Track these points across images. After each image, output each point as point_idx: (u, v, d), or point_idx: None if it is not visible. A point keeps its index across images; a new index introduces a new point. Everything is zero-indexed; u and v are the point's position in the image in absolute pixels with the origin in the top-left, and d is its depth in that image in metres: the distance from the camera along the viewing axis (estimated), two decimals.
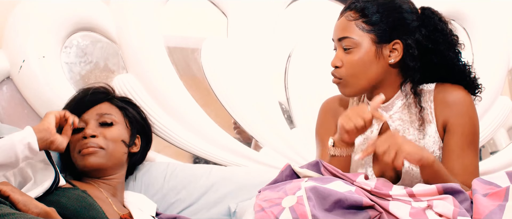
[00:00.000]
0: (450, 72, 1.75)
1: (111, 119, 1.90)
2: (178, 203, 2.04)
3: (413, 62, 1.70)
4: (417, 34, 1.71)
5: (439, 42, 1.73)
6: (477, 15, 2.46)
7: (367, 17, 1.71)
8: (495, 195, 1.42)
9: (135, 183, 2.04)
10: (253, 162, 2.25)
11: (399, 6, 1.73)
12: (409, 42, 1.70)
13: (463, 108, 1.73)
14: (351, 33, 1.72)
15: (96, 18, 2.20)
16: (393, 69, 1.73)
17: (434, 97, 1.75)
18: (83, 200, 1.64)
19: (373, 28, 1.70)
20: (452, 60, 1.74)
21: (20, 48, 2.11)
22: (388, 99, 1.76)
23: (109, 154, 1.84)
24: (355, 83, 1.73)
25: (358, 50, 1.71)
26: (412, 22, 1.72)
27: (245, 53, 2.29)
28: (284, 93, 2.34)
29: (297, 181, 1.54)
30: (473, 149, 1.73)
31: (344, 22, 1.74)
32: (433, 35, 1.73)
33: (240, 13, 2.31)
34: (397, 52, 1.71)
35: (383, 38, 1.70)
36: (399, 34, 1.70)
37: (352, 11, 1.74)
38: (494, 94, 2.43)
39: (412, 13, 1.73)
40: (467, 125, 1.72)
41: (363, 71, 1.71)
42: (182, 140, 2.21)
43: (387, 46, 1.71)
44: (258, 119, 2.26)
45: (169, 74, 2.22)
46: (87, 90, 1.95)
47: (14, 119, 2.11)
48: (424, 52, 1.71)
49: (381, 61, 1.71)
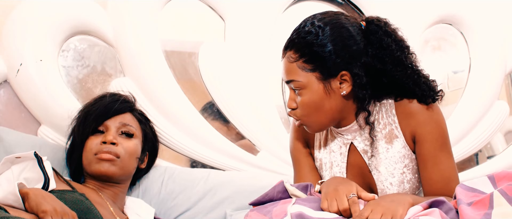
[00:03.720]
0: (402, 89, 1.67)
1: (133, 131, 1.91)
2: (175, 207, 2.04)
3: (363, 92, 1.62)
4: (363, 57, 1.62)
5: (386, 62, 1.63)
6: (474, 20, 2.47)
7: (305, 56, 1.62)
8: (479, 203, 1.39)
9: (133, 187, 2.04)
10: (251, 166, 2.25)
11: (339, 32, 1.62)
12: (355, 71, 1.61)
13: (426, 115, 1.66)
14: (295, 76, 1.64)
15: (94, 22, 2.20)
16: (348, 99, 1.65)
17: (396, 111, 1.69)
18: (80, 203, 1.64)
19: (315, 66, 1.62)
20: (401, 79, 1.64)
21: (17, 51, 2.11)
22: (348, 124, 1.70)
23: (122, 165, 1.85)
24: (315, 121, 1.67)
25: (307, 90, 1.63)
26: (357, 46, 1.62)
27: (243, 57, 2.29)
28: (281, 97, 2.34)
29: (285, 203, 1.53)
30: (446, 152, 1.68)
31: (287, 64, 1.66)
32: (379, 53, 1.63)
33: (237, 17, 2.31)
34: (348, 82, 1.62)
35: (328, 73, 1.61)
36: (344, 65, 1.61)
37: (291, 51, 1.65)
38: (491, 98, 2.43)
39: (356, 35, 1.63)
40: (435, 130, 1.66)
41: (318, 109, 1.64)
42: (179, 143, 2.20)
43: (335, 79, 1.62)
44: (255, 123, 2.26)
45: (166, 78, 2.22)
46: (115, 96, 1.96)
47: (11, 122, 2.11)
48: (374, 75, 1.63)
49: (332, 95, 1.63)
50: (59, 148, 2.03)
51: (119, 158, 1.84)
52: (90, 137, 1.87)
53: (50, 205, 1.46)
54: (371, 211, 1.46)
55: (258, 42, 2.32)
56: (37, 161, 1.69)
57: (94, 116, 1.89)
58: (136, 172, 1.97)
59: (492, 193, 1.39)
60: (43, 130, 2.13)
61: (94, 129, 1.89)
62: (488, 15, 2.48)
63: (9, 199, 1.50)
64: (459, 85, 2.46)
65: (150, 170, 2.08)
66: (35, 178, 1.66)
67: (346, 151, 1.75)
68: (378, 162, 1.71)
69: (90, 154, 1.85)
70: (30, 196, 1.48)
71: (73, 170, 1.94)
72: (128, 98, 2.00)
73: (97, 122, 1.89)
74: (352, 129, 1.71)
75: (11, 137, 1.96)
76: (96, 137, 1.87)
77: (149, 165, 2.06)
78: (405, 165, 1.70)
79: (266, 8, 2.34)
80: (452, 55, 2.51)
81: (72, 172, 1.95)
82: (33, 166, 1.68)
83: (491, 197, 1.39)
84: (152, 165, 2.08)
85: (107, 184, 1.87)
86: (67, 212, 1.47)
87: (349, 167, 1.75)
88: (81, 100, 2.15)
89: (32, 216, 1.45)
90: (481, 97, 2.43)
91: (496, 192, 1.39)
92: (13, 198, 1.49)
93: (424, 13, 2.42)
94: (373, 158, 1.71)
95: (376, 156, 1.70)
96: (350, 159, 1.74)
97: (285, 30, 2.36)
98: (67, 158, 1.96)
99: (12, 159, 1.72)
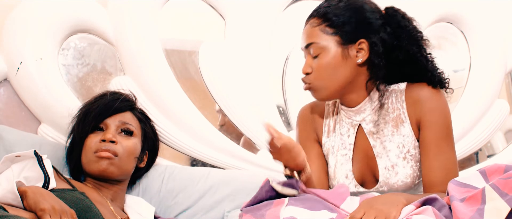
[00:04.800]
0: (415, 67, 1.76)
1: (132, 129, 1.91)
2: (176, 206, 2.03)
3: (378, 59, 1.71)
4: (381, 32, 1.72)
5: (403, 38, 1.74)
6: (474, 19, 2.47)
7: (330, 21, 1.73)
8: (472, 199, 1.40)
9: (132, 186, 2.04)
10: (251, 165, 2.25)
11: (361, 6, 1.74)
12: (374, 40, 1.71)
13: (434, 104, 1.73)
14: (316, 39, 1.74)
15: (94, 21, 2.20)
16: (361, 69, 1.74)
17: (406, 97, 1.76)
18: (80, 202, 1.64)
19: (337, 31, 1.72)
20: (415, 54, 1.74)
21: (17, 50, 2.11)
22: (359, 102, 1.78)
23: (120, 164, 1.85)
24: (326, 86, 1.74)
25: (326, 54, 1.72)
26: (376, 21, 1.73)
27: (243, 56, 2.29)
28: (281, 95, 2.34)
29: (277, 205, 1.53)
30: (449, 143, 1.74)
31: (309, 29, 1.76)
32: (396, 32, 1.74)
33: (237, 16, 2.31)
34: (364, 51, 1.72)
35: (348, 38, 1.72)
36: (363, 33, 1.72)
37: (315, 18, 1.76)
38: (491, 97, 2.43)
39: (375, 12, 1.75)
40: (441, 120, 1.73)
41: (333, 73, 1.72)
42: (179, 142, 2.21)
43: (353, 46, 1.72)
44: (255, 121, 2.26)
45: (166, 76, 2.22)
46: (116, 95, 1.96)
47: (11, 121, 2.11)
48: (389, 49, 1.73)
49: (348, 62, 1.72)
50: (59, 146, 2.02)
51: (117, 157, 1.84)
52: (89, 135, 1.87)
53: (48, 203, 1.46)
54: (363, 213, 1.47)
55: (259, 41, 2.32)
56: (37, 160, 1.69)
57: (94, 114, 1.89)
58: (136, 171, 1.97)
59: (484, 188, 1.39)
60: (43, 129, 2.13)
61: (94, 127, 1.89)
62: (489, 14, 2.48)
63: (8, 197, 1.50)
64: (460, 84, 2.46)
65: (150, 169, 2.08)
66: (35, 177, 1.66)
67: (354, 133, 1.80)
68: (383, 145, 1.76)
69: (89, 152, 1.85)
70: (29, 194, 1.48)
71: (73, 168, 1.94)
72: (129, 97, 2.00)
73: (97, 120, 1.89)
74: (362, 109, 1.77)
75: (11, 135, 1.96)
76: (95, 135, 1.87)
77: (149, 164, 2.06)
78: (408, 150, 1.75)
79: (266, 7, 2.34)
80: (453, 54, 2.51)
81: (72, 171, 1.95)
82: (33, 165, 1.68)
83: (483, 192, 1.39)
84: (152, 164, 2.08)
85: (106, 183, 1.87)
86: (65, 210, 1.47)
87: (355, 150, 1.80)
88: (81, 99, 2.15)
89: (31, 214, 1.45)
90: (481, 96, 2.43)
91: (488, 186, 1.39)
92: (12, 197, 1.49)
93: (424, 12, 2.42)
94: (379, 141, 1.76)
95: (382, 139, 1.76)
96: (357, 142, 1.79)
97: (285, 28, 2.38)
98: (67, 156, 1.96)
99: (12, 158, 1.71)
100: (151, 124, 2.05)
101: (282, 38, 2.37)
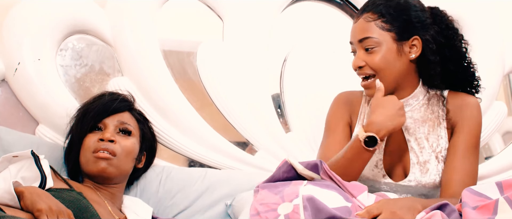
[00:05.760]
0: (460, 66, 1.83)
1: (130, 129, 1.92)
2: (173, 206, 2.04)
3: (433, 56, 1.77)
4: (432, 30, 1.79)
5: (452, 38, 1.82)
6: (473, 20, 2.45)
7: (385, 17, 1.77)
8: (484, 208, 1.41)
9: (130, 186, 2.04)
10: (248, 166, 2.24)
11: (413, 5, 1.80)
12: (427, 37, 1.77)
13: (473, 112, 1.82)
14: (372, 33, 1.78)
15: (92, 21, 2.20)
16: (413, 66, 1.80)
17: (448, 102, 1.84)
18: (78, 202, 1.64)
19: (392, 27, 1.77)
20: (464, 55, 1.84)
21: (15, 50, 2.11)
22: (404, 97, 1.82)
23: (118, 164, 1.85)
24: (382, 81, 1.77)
25: (380, 49, 1.77)
26: (426, 19, 1.80)
27: (241, 57, 2.29)
28: (279, 97, 2.34)
29: (296, 184, 1.52)
30: (476, 152, 1.81)
31: (363, 24, 1.80)
32: (445, 31, 1.82)
33: (236, 17, 2.31)
34: (417, 48, 1.78)
35: (402, 35, 1.77)
36: (416, 30, 1.78)
37: (369, 13, 1.80)
38: (489, 99, 2.42)
39: (424, 11, 1.81)
40: (474, 129, 1.81)
41: (388, 68, 1.77)
42: (177, 143, 2.20)
43: (407, 42, 1.78)
44: (253, 122, 2.26)
45: (164, 77, 2.22)
46: (114, 95, 1.97)
47: (9, 121, 2.11)
48: (439, 47, 1.79)
49: (402, 57, 1.78)
50: (57, 147, 2.02)
51: (116, 157, 1.84)
52: (88, 135, 1.87)
53: (45, 203, 1.46)
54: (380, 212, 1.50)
55: (257, 41, 2.32)
56: (34, 160, 1.68)
57: (92, 114, 1.89)
58: (134, 172, 1.97)
59: (498, 199, 1.41)
60: (41, 130, 2.13)
61: (92, 127, 1.89)
62: (487, 15, 2.48)
63: (5, 198, 1.50)
64: None
65: (148, 170, 2.08)
66: (32, 177, 1.66)
67: None
68: (418, 141, 1.81)
69: (88, 152, 1.85)
70: (25, 195, 1.48)
71: (71, 169, 1.94)
72: (127, 97, 2.00)
73: (95, 120, 1.89)
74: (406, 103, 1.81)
75: (9, 136, 1.96)
76: (94, 135, 1.87)
77: (147, 165, 2.06)
78: (440, 151, 1.80)
79: (264, 8, 2.33)
80: None
81: (70, 171, 1.95)
82: (30, 165, 1.68)
83: (496, 203, 1.41)
84: (150, 165, 2.08)
85: (104, 184, 1.87)
86: (62, 211, 1.47)
87: (389, 142, 1.83)
88: (79, 99, 2.15)
89: (28, 215, 1.45)
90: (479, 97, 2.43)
91: (501, 198, 1.41)
92: (9, 197, 1.49)
93: None
94: (414, 136, 1.82)
95: (417, 135, 1.82)
96: (391, 134, 1.80)
97: (284, 30, 2.38)
98: (65, 156, 1.96)
99: (9, 158, 1.72)
100: (149, 125, 2.05)
101: (280, 39, 2.37)
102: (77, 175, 1.94)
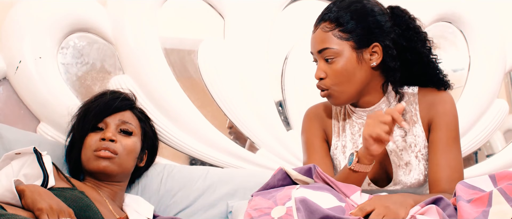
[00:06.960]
0: (424, 69, 1.79)
1: (132, 129, 1.91)
2: (175, 204, 2.04)
3: (393, 62, 1.73)
4: (392, 34, 1.74)
5: (413, 40, 1.76)
6: (474, 18, 2.46)
7: (342, 26, 1.73)
8: (478, 200, 1.42)
9: (131, 185, 2.04)
10: (250, 164, 2.25)
11: (371, 10, 1.74)
12: (387, 43, 1.72)
13: (447, 107, 1.78)
14: (330, 44, 1.73)
15: (93, 19, 2.20)
16: (376, 72, 1.76)
17: (419, 100, 1.80)
18: (80, 200, 1.64)
19: (350, 36, 1.72)
20: (426, 56, 1.78)
21: (16, 49, 2.11)
22: (374, 103, 1.80)
23: (120, 163, 1.85)
24: (344, 91, 1.74)
25: (340, 59, 1.73)
26: (386, 23, 1.74)
27: (242, 55, 2.29)
28: (280, 94, 2.34)
29: (289, 188, 1.53)
30: (457, 145, 1.78)
31: (321, 34, 1.75)
32: (406, 33, 1.76)
33: (237, 15, 2.31)
34: (377, 55, 1.73)
35: (361, 43, 1.72)
36: (376, 37, 1.73)
37: (326, 22, 1.75)
38: (490, 96, 2.43)
39: (384, 14, 1.76)
40: (452, 123, 1.78)
41: (349, 78, 1.73)
42: (178, 141, 2.20)
43: (367, 50, 1.73)
44: (254, 120, 2.26)
45: (165, 75, 2.22)
46: (116, 94, 1.97)
47: (10, 119, 2.11)
48: (401, 51, 1.75)
49: (363, 66, 1.73)
50: (58, 145, 2.03)
51: (117, 155, 1.84)
52: (89, 134, 1.87)
53: (46, 202, 1.45)
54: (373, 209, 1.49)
55: (258, 40, 2.32)
56: (36, 157, 1.69)
57: (94, 113, 1.89)
58: (135, 170, 1.97)
59: (491, 191, 1.41)
60: (42, 128, 2.13)
61: (93, 126, 1.89)
62: (488, 13, 2.48)
63: (6, 196, 1.50)
64: (459, 84, 2.46)
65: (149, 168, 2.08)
66: (34, 175, 1.66)
67: None
68: (396, 144, 1.79)
69: (89, 151, 1.85)
70: (26, 193, 1.48)
71: (72, 167, 1.94)
72: (129, 96, 2.00)
73: (97, 119, 1.89)
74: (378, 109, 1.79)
75: (10, 134, 1.96)
76: (95, 134, 1.87)
77: (148, 163, 2.06)
78: (419, 149, 1.78)
79: (265, 6, 2.34)
80: (452, 53, 2.51)
81: (71, 169, 1.95)
82: (32, 162, 1.68)
83: (490, 195, 1.41)
84: (151, 164, 2.08)
85: (105, 182, 1.87)
86: (63, 210, 1.47)
87: None
88: (80, 98, 2.15)
89: (29, 213, 1.45)
90: (480, 95, 2.43)
91: (495, 190, 1.41)
92: (10, 196, 1.49)
93: (423, 11, 2.41)
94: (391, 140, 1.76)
95: (394, 138, 1.79)
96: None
97: (285, 28, 2.38)
98: (67, 155, 1.96)
99: (11, 155, 1.72)
100: (151, 123, 2.05)
101: (281, 37, 2.37)
102: (78, 173, 1.94)
